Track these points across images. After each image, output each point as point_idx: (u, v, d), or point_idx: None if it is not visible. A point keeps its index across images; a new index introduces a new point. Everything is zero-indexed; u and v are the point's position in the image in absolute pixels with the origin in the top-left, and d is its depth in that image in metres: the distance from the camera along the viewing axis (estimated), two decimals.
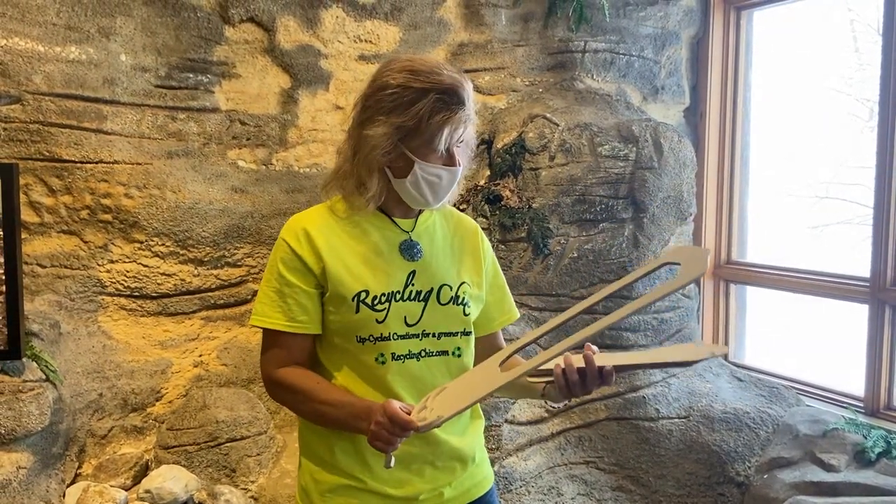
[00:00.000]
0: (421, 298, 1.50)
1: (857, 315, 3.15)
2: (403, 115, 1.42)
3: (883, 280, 3.02)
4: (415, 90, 1.42)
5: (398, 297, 1.48)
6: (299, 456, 1.59)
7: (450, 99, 1.42)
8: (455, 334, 1.53)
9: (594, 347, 1.39)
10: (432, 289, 1.51)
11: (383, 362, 1.47)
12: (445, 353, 1.52)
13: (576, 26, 3.46)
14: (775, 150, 3.78)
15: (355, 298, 1.45)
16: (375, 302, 1.46)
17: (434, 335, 1.51)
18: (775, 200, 3.80)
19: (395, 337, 1.47)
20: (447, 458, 1.53)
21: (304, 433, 1.56)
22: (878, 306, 3.04)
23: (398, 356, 1.47)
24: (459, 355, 1.54)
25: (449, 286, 1.53)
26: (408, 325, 1.48)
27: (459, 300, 1.53)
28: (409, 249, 1.52)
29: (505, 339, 1.74)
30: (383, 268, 1.49)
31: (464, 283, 1.56)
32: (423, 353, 1.49)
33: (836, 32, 3.71)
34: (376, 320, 1.45)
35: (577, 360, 1.37)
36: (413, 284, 1.50)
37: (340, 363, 1.50)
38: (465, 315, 1.54)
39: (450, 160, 1.46)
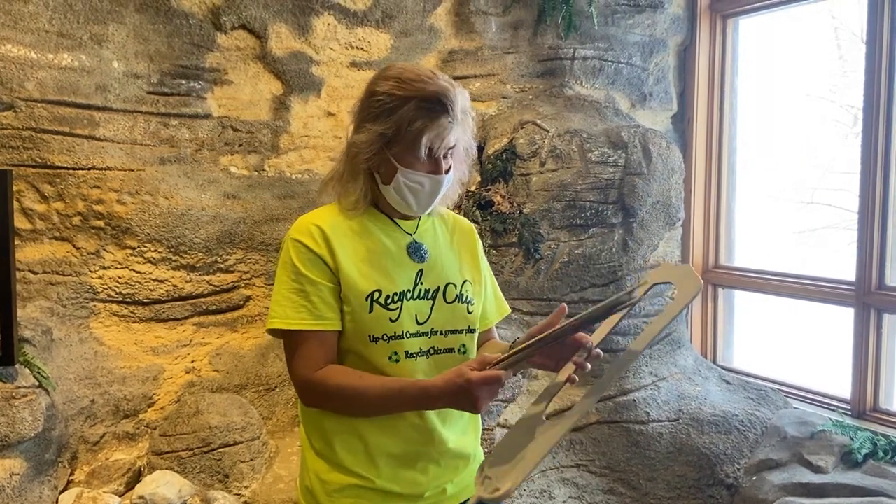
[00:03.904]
0: (429, 297, 1.53)
1: (843, 318, 3.19)
2: (385, 123, 1.44)
3: (868, 284, 3.07)
4: (397, 98, 1.44)
5: (409, 296, 1.50)
6: (302, 457, 1.60)
7: (430, 106, 1.43)
8: (461, 332, 1.56)
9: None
10: (439, 287, 1.54)
11: (397, 360, 1.48)
12: (452, 350, 1.55)
13: (565, 34, 3.49)
14: (762, 155, 3.83)
15: (369, 298, 1.46)
16: (388, 301, 1.47)
17: (442, 333, 1.53)
18: (762, 205, 3.85)
19: (408, 335, 1.49)
20: (450, 457, 1.56)
21: (309, 434, 1.56)
22: (864, 309, 3.09)
23: (411, 354, 1.49)
24: (465, 352, 1.57)
25: (453, 285, 1.56)
26: (418, 323, 1.50)
27: (464, 298, 1.57)
28: (416, 251, 1.54)
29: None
30: (392, 268, 1.51)
31: (466, 281, 1.59)
32: (432, 351, 1.52)
33: (820, 40, 3.77)
34: (390, 319, 1.47)
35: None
36: (422, 283, 1.52)
37: (349, 364, 1.50)
38: (469, 313, 1.57)
39: (435, 167, 1.47)
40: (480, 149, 3.37)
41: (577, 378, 1.35)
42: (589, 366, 1.35)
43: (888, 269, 3.04)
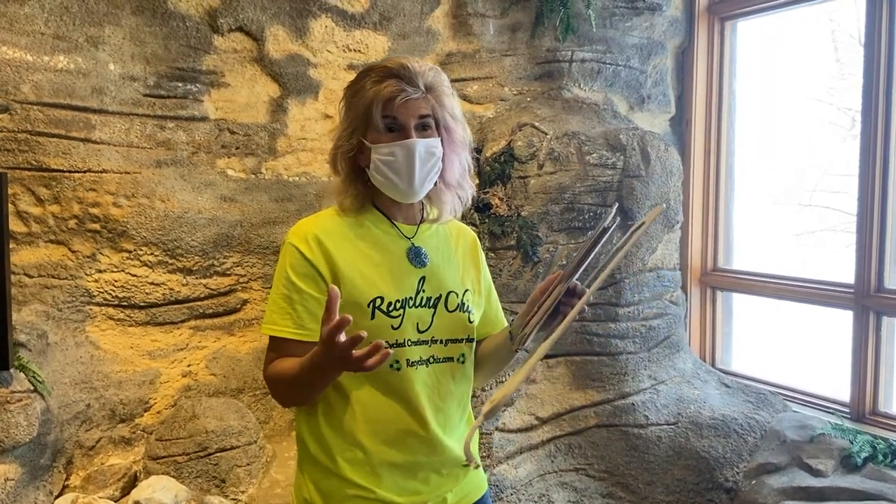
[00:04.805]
0: (430, 305, 1.51)
1: (841, 321, 3.18)
2: (351, 110, 1.48)
3: (867, 286, 3.06)
4: (355, 84, 1.48)
5: (411, 303, 1.48)
6: (300, 467, 1.57)
7: (380, 78, 1.45)
8: (460, 341, 1.54)
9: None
10: (441, 295, 1.52)
11: (398, 368, 1.46)
12: (451, 359, 1.53)
13: (563, 36, 3.49)
14: (760, 158, 3.83)
15: (371, 304, 1.45)
16: (391, 308, 1.46)
17: (441, 342, 1.52)
18: (760, 208, 3.84)
19: (410, 343, 1.47)
20: (451, 466, 1.55)
21: (308, 443, 1.53)
22: (863, 312, 3.08)
23: (412, 362, 1.48)
24: (463, 362, 1.56)
25: (455, 293, 1.54)
26: (419, 331, 1.49)
27: (465, 307, 1.55)
28: (416, 256, 1.53)
29: None
30: (396, 274, 1.49)
31: (467, 290, 1.58)
32: (431, 360, 1.50)
33: (817, 42, 3.77)
34: (392, 326, 1.45)
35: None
36: (424, 291, 1.51)
37: (349, 372, 1.48)
38: (470, 322, 1.56)
39: (403, 136, 1.45)
40: (478, 151, 3.36)
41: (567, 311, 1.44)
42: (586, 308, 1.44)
43: (887, 272, 3.04)
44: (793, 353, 3.72)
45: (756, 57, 3.78)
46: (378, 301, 1.45)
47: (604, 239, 1.44)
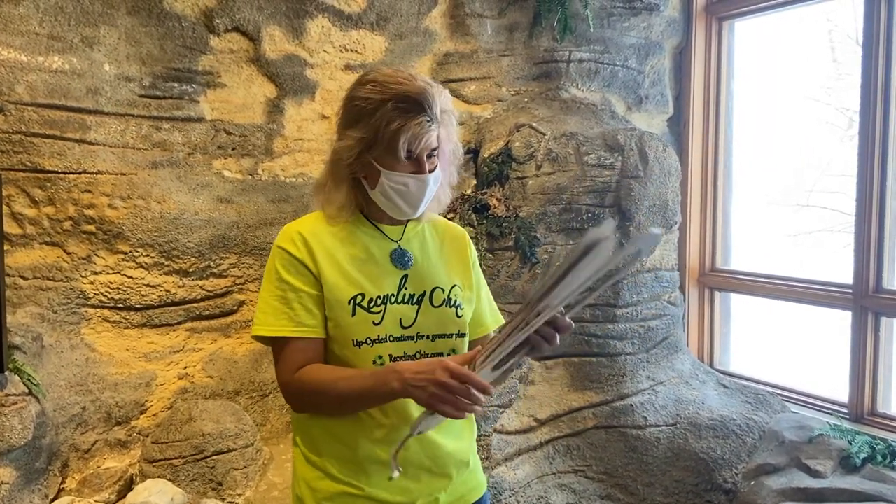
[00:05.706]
0: (414, 301, 1.51)
1: (840, 321, 3.18)
2: (364, 127, 1.44)
3: (865, 287, 3.06)
4: (374, 101, 1.43)
5: (393, 299, 1.49)
6: (293, 465, 1.58)
7: (406, 106, 1.42)
8: (450, 336, 1.54)
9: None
10: (425, 292, 1.53)
11: (381, 364, 1.46)
12: (441, 354, 1.53)
13: (561, 36, 3.48)
14: (757, 158, 3.82)
15: (351, 301, 1.46)
16: (371, 304, 1.47)
17: (429, 337, 1.52)
18: (758, 208, 3.84)
19: (392, 339, 1.47)
20: (444, 464, 1.54)
21: (300, 442, 1.55)
22: (861, 313, 3.08)
23: (395, 358, 1.48)
24: None
25: (441, 289, 1.55)
26: (403, 327, 1.49)
27: (452, 302, 1.55)
28: (400, 258, 1.53)
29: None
30: (376, 273, 1.50)
31: (455, 285, 1.58)
32: (418, 355, 1.50)
33: (815, 42, 3.76)
34: (373, 322, 1.46)
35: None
36: (406, 288, 1.51)
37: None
38: (459, 317, 1.55)
39: (417, 168, 1.46)
40: (476, 152, 3.35)
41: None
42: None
43: (885, 272, 3.03)
44: (791, 354, 3.72)
45: (754, 57, 3.77)
46: (359, 298, 1.46)
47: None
